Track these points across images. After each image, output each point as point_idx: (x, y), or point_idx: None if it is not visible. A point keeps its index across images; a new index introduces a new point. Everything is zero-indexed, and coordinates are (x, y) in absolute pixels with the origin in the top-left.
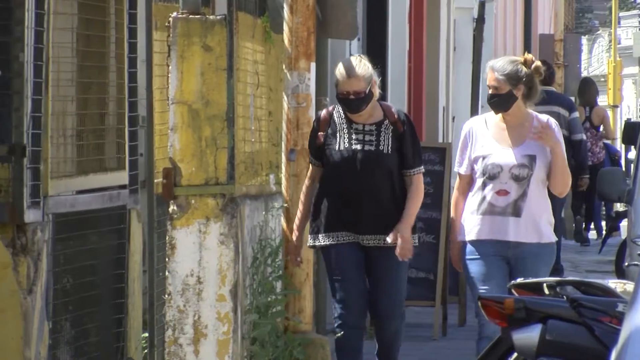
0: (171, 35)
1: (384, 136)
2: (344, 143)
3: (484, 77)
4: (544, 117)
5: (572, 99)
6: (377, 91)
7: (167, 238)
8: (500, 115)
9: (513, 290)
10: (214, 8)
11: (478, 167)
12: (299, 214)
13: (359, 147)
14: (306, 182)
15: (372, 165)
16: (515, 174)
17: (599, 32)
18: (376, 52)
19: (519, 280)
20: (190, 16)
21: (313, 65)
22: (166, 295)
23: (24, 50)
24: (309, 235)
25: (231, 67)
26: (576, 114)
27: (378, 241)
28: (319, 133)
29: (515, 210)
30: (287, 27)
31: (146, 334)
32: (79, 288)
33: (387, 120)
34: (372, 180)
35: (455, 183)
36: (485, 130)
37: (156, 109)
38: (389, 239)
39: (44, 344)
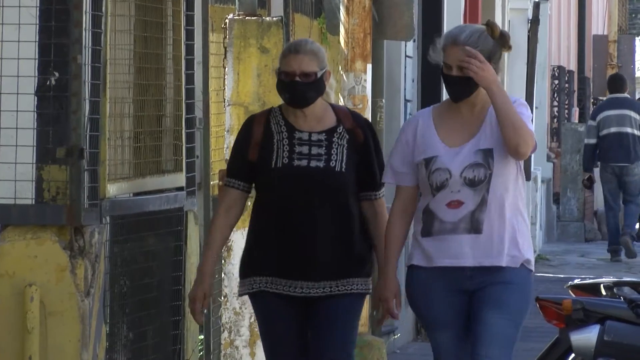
0: (227, 36)
1: (337, 148)
2: (283, 158)
3: (536, 77)
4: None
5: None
6: (333, 85)
7: None
8: (449, 105)
9: (570, 291)
10: (270, 9)
11: (422, 177)
12: (207, 254)
13: (303, 163)
14: (219, 211)
15: (321, 188)
16: (469, 178)
17: None
18: None
19: (577, 281)
20: (247, 18)
21: (369, 66)
22: (222, 298)
23: (82, 52)
24: (239, 281)
25: None
26: None
27: (326, 290)
28: (252, 143)
29: (473, 224)
30: (343, 28)
31: (202, 337)
32: (136, 290)
33: (341, 127)
34: (321, 209)
35: (394, 200)
36: (431, 127)
37: (212, 110)
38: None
39: (101, 346)
